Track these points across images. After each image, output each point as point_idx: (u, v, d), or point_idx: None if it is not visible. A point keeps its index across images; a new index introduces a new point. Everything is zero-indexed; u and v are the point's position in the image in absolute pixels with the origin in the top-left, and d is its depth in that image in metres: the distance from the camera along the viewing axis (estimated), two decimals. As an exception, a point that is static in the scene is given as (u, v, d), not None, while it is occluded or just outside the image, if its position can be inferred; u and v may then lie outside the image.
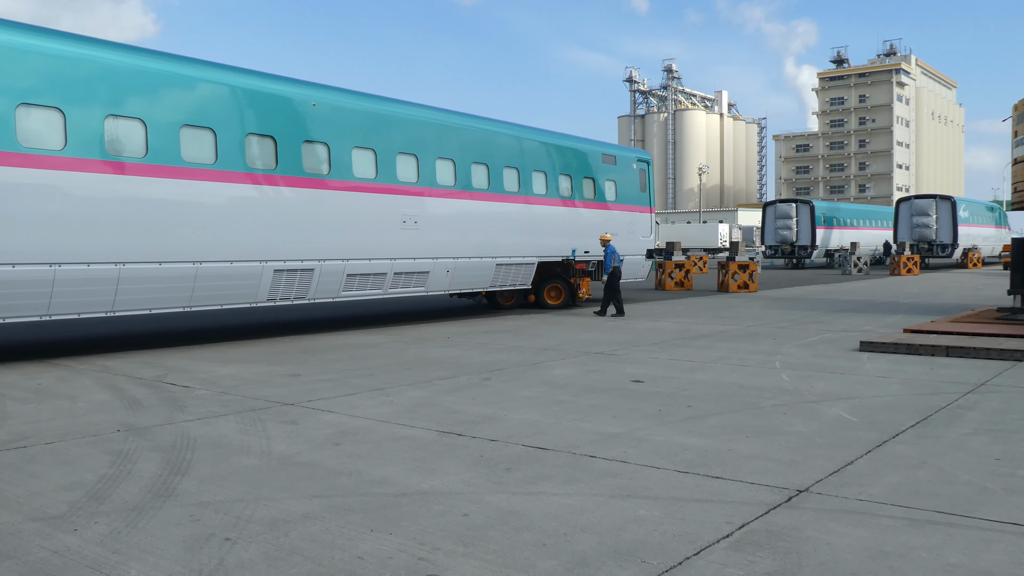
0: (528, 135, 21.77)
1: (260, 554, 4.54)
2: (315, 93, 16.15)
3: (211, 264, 14.02)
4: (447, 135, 18.92)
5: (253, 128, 14.75)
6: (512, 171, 20.78)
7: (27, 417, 8.29)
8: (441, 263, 18.58)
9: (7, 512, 5.29)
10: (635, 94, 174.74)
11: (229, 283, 14.41)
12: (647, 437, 7.29)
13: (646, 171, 26.61)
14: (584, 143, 24.11)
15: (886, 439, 7.14)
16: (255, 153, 14.76)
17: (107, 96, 12.73)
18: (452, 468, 6.31)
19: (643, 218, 26.22)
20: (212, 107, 14.18)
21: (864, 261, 46.22)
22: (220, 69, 14.73)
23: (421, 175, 18.08)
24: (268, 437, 7.38)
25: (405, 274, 17.79)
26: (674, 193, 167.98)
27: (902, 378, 10.40)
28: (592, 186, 23.76)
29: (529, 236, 21.28)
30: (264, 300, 15.13)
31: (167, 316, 20.34)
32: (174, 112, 13.59)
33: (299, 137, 15.52)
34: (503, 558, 4.47)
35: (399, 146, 17.62)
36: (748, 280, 29.69)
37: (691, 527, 4.94)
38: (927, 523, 4.98)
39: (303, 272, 15.58)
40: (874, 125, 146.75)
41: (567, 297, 22.66)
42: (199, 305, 14.19)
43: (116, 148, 12.78)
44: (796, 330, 16.17)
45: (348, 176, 16.42)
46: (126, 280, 12.91)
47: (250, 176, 14.65)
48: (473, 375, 10.90)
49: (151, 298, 13.41)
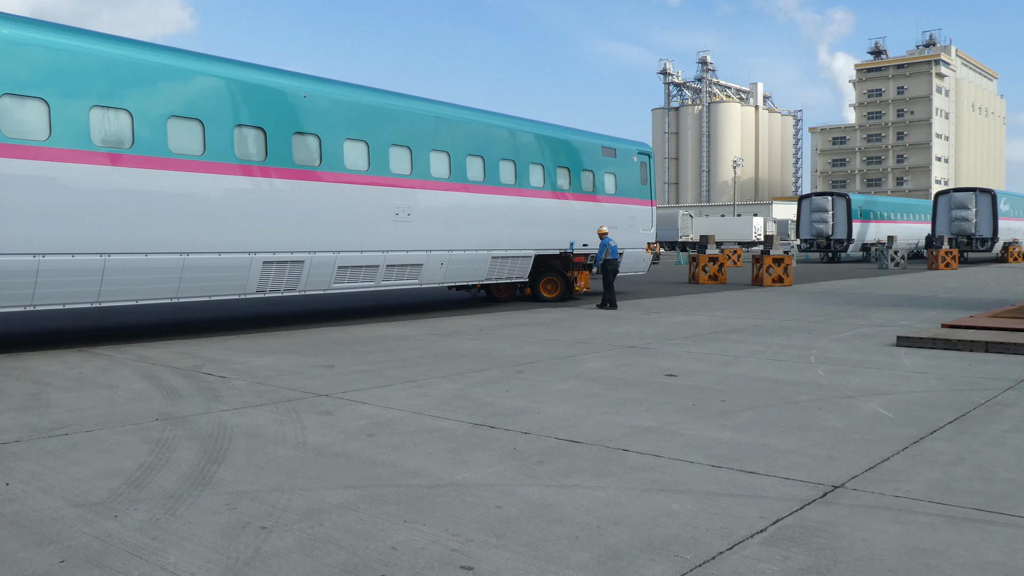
0: (525, 127, 21.67)
1: (295, 543, 4.59)
2: (306, 85, 16.10)
3: (199, 255, 14.00)
4: (442, 127, 18.85)
5: (242, 120, 14.72)
6: (509, 164, 20.68)
7: (69, 405, 8.44)
8: (435, 255, 18.52)
9: (50, 498, 5.40)
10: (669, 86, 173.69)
11: (217, 275, 14.38)
12: (680, 431, 7.26)
13: (647, 164, 26.38)
14: (582, 135, 23.95)
15: (923, 435, 7.06)
16: (244, 145, 14.73)
17: (93, 87, 12.70)
18: (485, 460, 6.33)
19: (643, 211, 26.02)
20: (200, 98, 14.16)
21: (901, 255, 45.63)
22: (209, 60, 14.71)
23: (415, 167, 18.02)
24: (303, 427, 7.46)
25: (398, 266, 17.74)
26: (708, 186, 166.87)
27: (940, 374, 10.27)
28: (591, 179, 23.62)
29: (526, 229, 21.16)
30: (253, 292, 15.11)
31: (201, 306, 20.58)
32: (161, 103, 13.56)
33: (289, 129, 15.49)
34: (536, 550, 4.49)
35: (392, 138, 17.56)
36: (783, 274, 29.43)
37: (724, 522, 4.93)
38: (965, 520, 4.93)
39: (293, 264, 15.55)
40: (912, 117, 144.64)
41: (563, 290, 22.54)
42: (187, 297, 14.17)
43: (101, 139, 12.76)
44: (831, 325, 16.01)
45: (339, 168, 16.37)
46: (111, 271, 12.89)
47: (239, 167, 14.61)
48: (506, 368, 10.92)
49: (137, 289, 13.39)
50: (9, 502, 5.31)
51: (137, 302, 13.60)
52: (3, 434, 7.17)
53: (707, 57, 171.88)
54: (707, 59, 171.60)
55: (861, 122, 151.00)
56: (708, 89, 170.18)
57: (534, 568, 4.24)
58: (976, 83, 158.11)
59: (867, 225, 55.78)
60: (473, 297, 24.12)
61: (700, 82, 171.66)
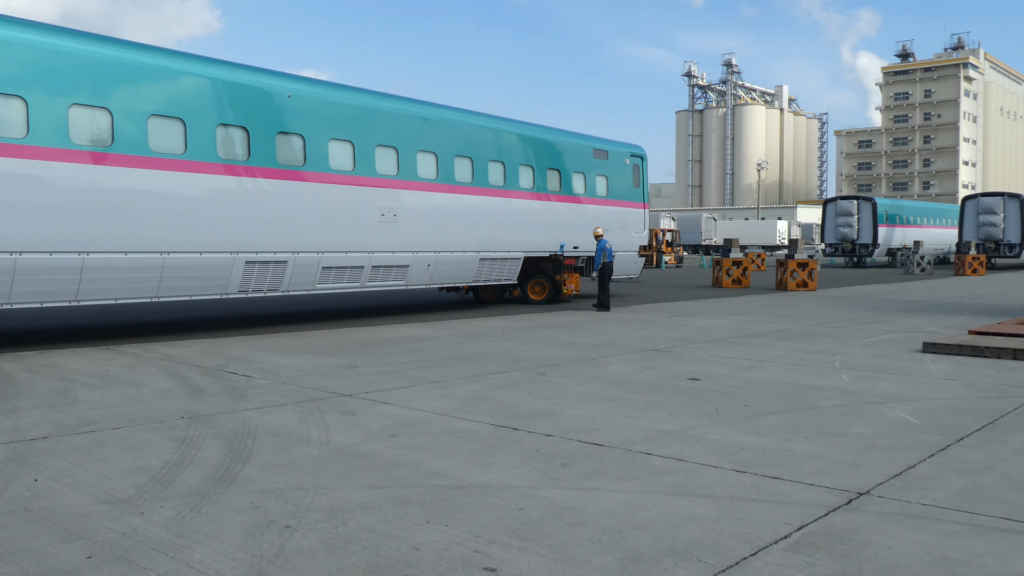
0: (514, 129, 21.60)
1: (319, 542, 4.62)
2: (291, 85, 16.08)
3: (179, 255, 13.97)
4: (429, 128, 18.81)
5: (225, 119, 14.70)
6: (498, 165, 20.61)
7: (96, 403, 8.53)
8: (421, 256, 18.47)
9: (78, 494, 5.46)
10: (693, 89, 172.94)
11: (198, 274, 14.36)
12: (703, 435, 7.24)
13: (640, 166, 26.24)
14: (574, 137, 23.86)
15: (950, 443, 7.00)
16: (227, 144, 14.71)
17: (71, 85, 12.66)
18: (508, 462, 6.34)
19: (636, 214, 25.85)
20: (182, 97, 14.14)
21: (927, 260, 45.20)
22: (191, 60, 14.71)
23: (401, 168, 17.97)
24: (327, 427, 7.49)
25: (384, 267, 17.71)
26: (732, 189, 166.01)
27: (967, 380, 10.17)
28: (582, 181, 23.52)
29: (515, 231, 21.09)
30: (235, 292, 15.10)
31: (223, 305, 20.73)
32: (142, 102, 13.54)
33: (273, 128, 15.46)
34: (558, 553, 4.49)
35: (379, 139, 17.52)
36: (807, 278, 29.24)
37: (748, 527, 4.90)
38: (993, 530, 4.87)
39: (276, 264, 15.53)
40: (940, 121, 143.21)
41: (551, 292, 22.47)
42: (167, 296, 14.15)
43: (80, 137, 12.75)
44: (856, 330, 15.89)
45: (324, 168, 16.32)
46: (90, 270, 12.86)
47: (221, 167, 14.58)
48: (528, 370, 10.92)
49: (116, 288, 13.37)
50: (38, 498, 5.38)
51: (116, 301, 13.57)
52: (32, 430, 7.26)
53: (732, 59, 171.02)
54: (732, 61, 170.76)
55: (887, 125, 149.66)
56: (733, 91, 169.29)
57: (557, 571, 4.24)
58: (1005, 86, 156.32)
59: (893, 230, 55.32)
60: (461, 299, 24.13)
61: (725, 84, 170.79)
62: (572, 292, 23.04)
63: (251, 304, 21.47)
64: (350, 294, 25.39)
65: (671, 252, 54.72)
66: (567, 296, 23.00)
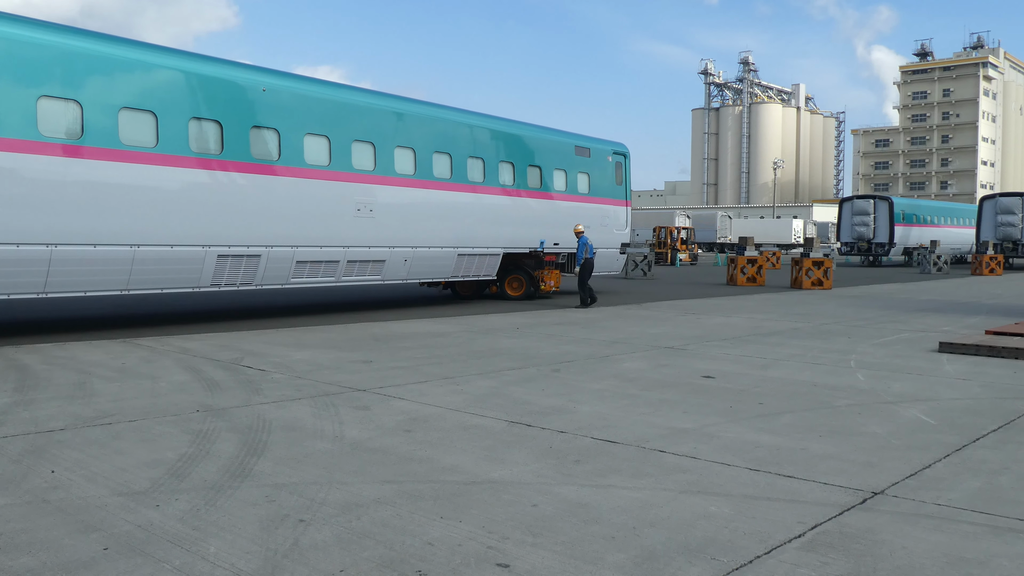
0: (494, 125, 21.58)
1: (333, 536, 4.63)
2: (266, 79, 16.06)
3: (150, 248, 13.95)
4: (407, 124, 18.80)
5: (198, 112, 14.67)
6: (477, 161, 20.59)
7: (112, 395, 8.58)
8: (398, 252, 18.46)
9: (94, 486, 5.50)
10: (710, 87, 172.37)
11: (170, 267, 14.34)
12: (717, 433, 7.22)
13: (623, 164, 26.21)
14: (556, 134, 23.83)
15: (966, 443, 6.95)
16: (199, 137, 14.69)
17: (40, 77, 12.64)
18: (521, 458, 6.34)
19: (618, 211, 25.82)
20: (154, 90, 14.11)
21: (944, 260, 44.92)
22: (163, 52, 14.67)
23: (378, 163, 17.97)
24: (341, 422, 7.52)
25: (359, 262, 17.72)
26: (747, 187, 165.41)
27: (983, 381, 10.10)
28: (563, 178, 23.49)
29: (494, 227, 21.07)
30: (208, 285, 15.09)
31: (239, 297, 20.82)
32: (113, 94, 13.51)
33: (247, 122, 15.44)
34: (572, 549, 4.49)
35: (355, 134, 17.50)
36: (823, 277, 29.11)
37: (762, 526, 4.89)
38: (1009, 531, 4.84)
39: (249, 258, 15.54)
40: (958, 120, 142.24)
41: (528, 288, 22.47)
42: (138, 288, 14.13)
43: (50, 129, 12.71)
44: (872, 329, 15.81)
45: (299, 163, 16.30)
46: (58, 262, 12.85)
47: (193, 160, 14.56)
48: (542, 366, 10.92)
49: (85, 280, 13.36)
50: (55, 489, 5.42)
51: (85, 293, 13.56)
52: (49, 422, 7.32)
53: (749, 57, 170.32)
54: (748, 59, 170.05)
55: (905, 124, 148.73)
56: (749, 90, 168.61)
57: (570, 567, 4.24)
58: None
59: (909, 229, 55.00)
60: (439, 294, 24.17)
61: (741, 82, 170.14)
62: (552, 288, 23.03)
63: (265, 296, 21.55)
64: (364, 287, 25.48)
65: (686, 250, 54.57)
66: (546, 292, 23.02)
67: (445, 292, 24.31)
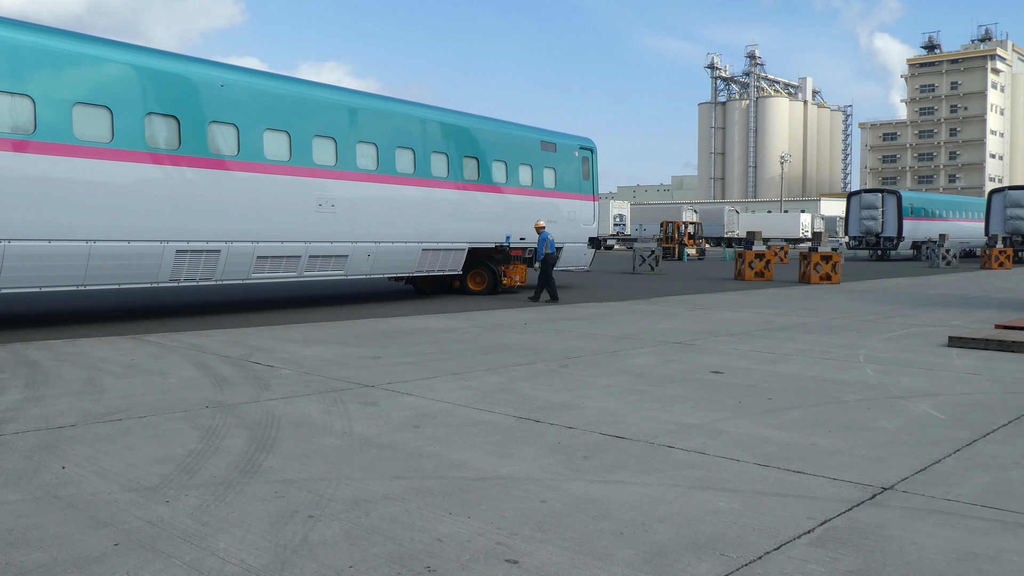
0: (459, 120, 21.58)
1: (342, 532, 4.64)
2: (224, 74, 16.02)
3: (106, 243, 13.92)
4: (369, 119, 18.80)
5: (154, 108, 14.64)
6: (441, 156, 20.57)
7: (122, 391, 8.61)
8: (361, 247, 18.46)
9: (104, 482, 5.52)
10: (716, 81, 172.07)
11: (126, 263, 14.31)
12: (726, 429, 7.21)
13: (589, 159, 26.21)
14: (521, 129, 23.82)
15: (976, 438, 6.93)
16: (156, 133, 14.65)
17: None
18: (530, 454, 6.34)
19: (585, 206, 25.83)
20: (109, 85, 14.07)
21: (953, 254, 44.77)
22: (118, 47, 14.63)
23: (340, 159, 17.95)
24: (349, 418, 7.53)
25: (322, 257, 17.71)
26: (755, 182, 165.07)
27: (993, 375, 10.07)
28: (529, 173, 23.50)
29: (459, 222, 21.08)
30: (167, 280, 15.07)
31: (246, 291, 20.85)
32: (66, 89, 13.47)
33: (205, 118, 15.40)
34: (581, 545, 4.49)
35: (316, 129, 17.47)
36: (831, 271, 29.05)
37: (771, 521, 4.88)
38: (1019, 526, 4.83)
39: (208, 253, 15.51)
40: (966, 113, 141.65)
41: (490, 283, 22.45)
42: (95, 284, 14.09)
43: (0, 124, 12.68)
44: (881, 323, 15.77)
45: (258, 158, 16.27)
46: (11, 258, 12.81)
47: (150, 156, 14.52)
48: (550, 362, 10.92)
49: (40, 276, 13.31)
50: (65, 485, 5.44)
51: (41, 289, 13.52)
52: (60, 418, 7.35)
53: (755, 51, 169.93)
54: (755, 53, 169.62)
55: (913, 118, 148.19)
56: (756, 84, 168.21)
57: (579, 563, 4.24)
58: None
59: (918, 223, 54.84)
60: (402, 288, 24.18)
61: (748, 76, 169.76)
62: (516, 283, 23.04)
63: (273, 290, 21.58)
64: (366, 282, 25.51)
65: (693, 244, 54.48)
66: (509, 287, 23.03)
67: (407, 287, 24.36)
